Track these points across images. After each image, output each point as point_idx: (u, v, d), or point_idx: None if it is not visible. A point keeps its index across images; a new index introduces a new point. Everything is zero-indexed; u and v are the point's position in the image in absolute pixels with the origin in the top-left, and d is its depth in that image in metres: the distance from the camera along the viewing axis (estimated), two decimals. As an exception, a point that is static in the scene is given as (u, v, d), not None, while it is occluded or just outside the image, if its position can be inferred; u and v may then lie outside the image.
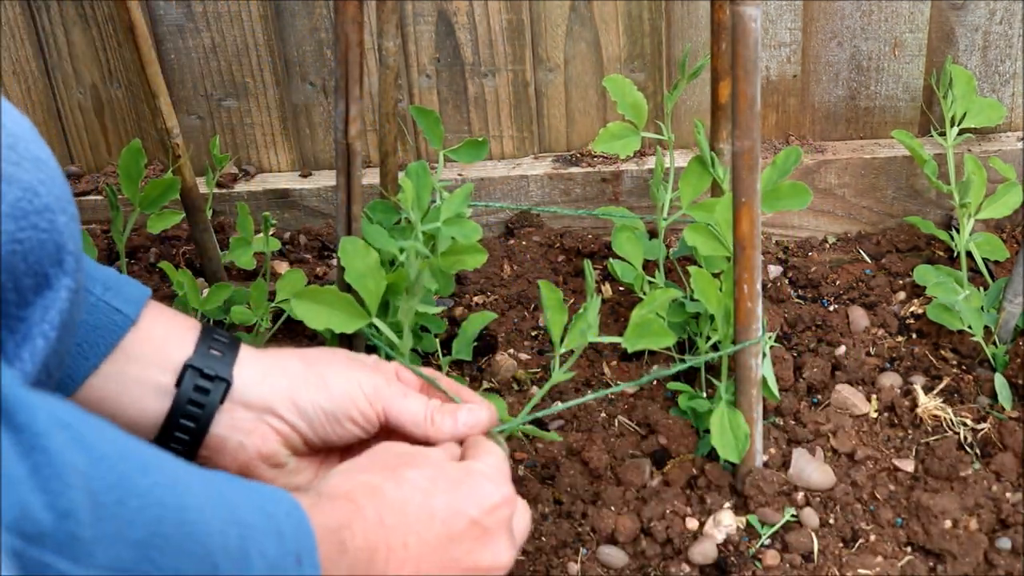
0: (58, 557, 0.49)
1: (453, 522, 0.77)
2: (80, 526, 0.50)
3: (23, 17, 1.42)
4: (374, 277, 0.97)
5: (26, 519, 0.48)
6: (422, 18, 1.42)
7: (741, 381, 1.03)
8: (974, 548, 1.02)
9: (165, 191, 1.24)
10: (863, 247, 1.46)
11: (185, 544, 0.57)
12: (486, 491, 0.80)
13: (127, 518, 0.54)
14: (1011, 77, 1.47)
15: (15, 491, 0.47)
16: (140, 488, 0.55)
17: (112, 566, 0.52)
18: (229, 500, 0.63)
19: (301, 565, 0.65)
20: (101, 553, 0.51)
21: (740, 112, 0.90)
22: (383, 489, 0.76)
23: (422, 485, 0.78)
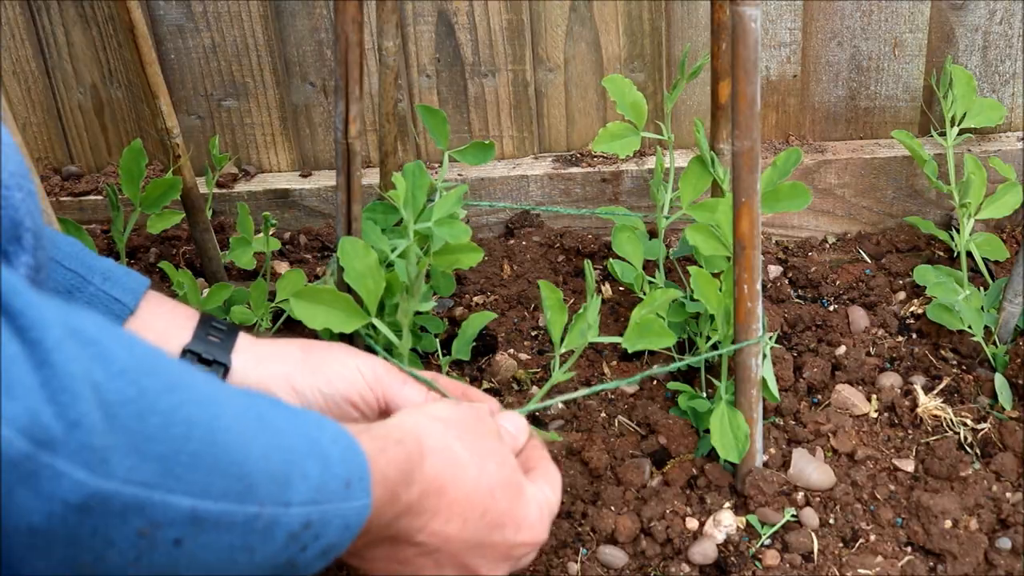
0: (72, 464, 0.49)
1: (494, 532, 0.78)
2: (92, 435, 0.50)
3: (23, 17, 1.42)
4: (373, 277, 0.97)
5: (36, 425, 0.48)
6: (422, 18, 1.42)
7: (741, 381, 1.03)
8: (974, 548, 1.02)
9: (166, 191, 1.24)
10: (863, 247, 1.46)
11: (216, 461, 0.56)
12: (531, 527, 0.81)
13: (146, 432, 0.53)
14: (1011, 77, 1.47)
15: (26, 399, 0.48)
16: (164, 405, 0.55)
17: (131, 478, 0.52)
18: (272, 423, 0.62)
19: (350, 489, 0.64)
20: (118, 464, 0.51)
21: (740, 112, 0.90)
22: (462, 465, 0.76)
23: (495, 483, 0.78)
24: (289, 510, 0.60)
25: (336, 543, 0.65)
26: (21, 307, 0.50)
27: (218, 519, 0.56)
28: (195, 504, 0.55)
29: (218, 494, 0.56)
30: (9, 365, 0.48)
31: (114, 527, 0.52)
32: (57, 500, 0.49)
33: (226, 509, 0.57)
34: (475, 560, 0.78)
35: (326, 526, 0.63)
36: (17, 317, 0.50)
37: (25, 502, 0.49)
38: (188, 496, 0.55)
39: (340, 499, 0.64)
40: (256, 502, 0.58)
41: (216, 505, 0.56)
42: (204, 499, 0.55)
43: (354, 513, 0.65)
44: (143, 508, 0.53)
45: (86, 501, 0.50)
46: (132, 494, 0.52)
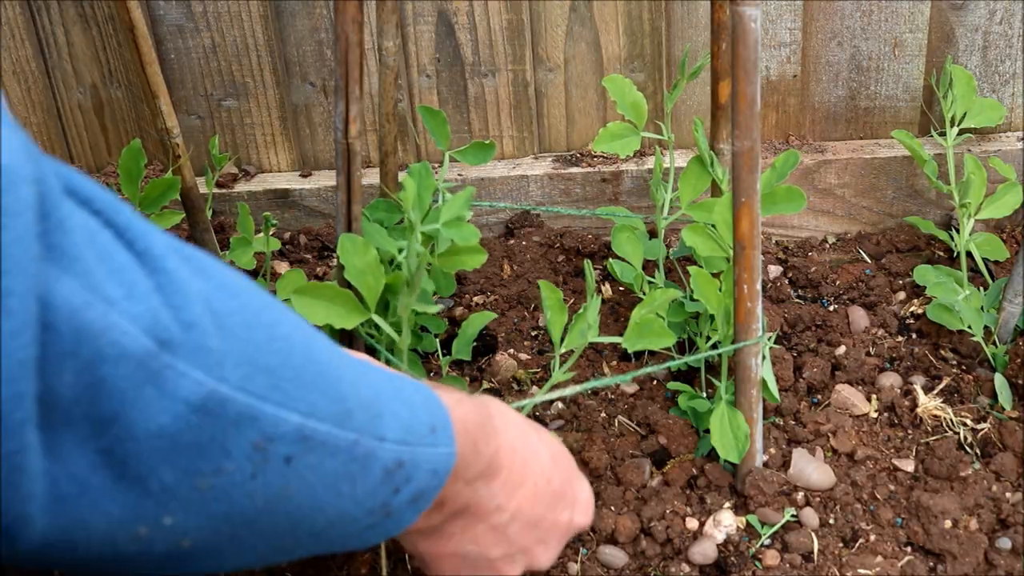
0: (190, 365, 0.50)
1: (557, 504, 0.79)
2: (207, 337, 0.51)
3: (23, 17, 1.42)
4: (373, 274, 0.97)
5: (158, 325, 0.49)
6: (422, 18, 1.42)
7: (741, 381, 1.03)
8: (974, 548, 1.02)
9: (165, 191, 1.24)
10: (863, 247, 1.46)
11: (317, 381, 0.57)
12: (583, 507, 0.83)
13: (256, 342, 0.54)
14: (1011, 77, 1.47)
15: (147, 300, 0.49)
16: (266, 320, 0.56)
17: (244, 387, 0.53)
18: (354, 363, 0.63)
19: (435, 435, 0.65)
20: (231, 369, 0.52)
21: (740, 112, 0.90)
22: (526, 430, 0.77)
23: (554, 453, 0.80)
24: (384, 445, 0.61)
25: (426, 489, 0.65)
26: (125, 223, 0.52)
27: (324, 439, 0.57)
28: (303, 421, 0.56)
29: (322, 414, 0.57)
30: (125, 270, 0.49)
31: (231, 437, 0.53)
32: (180, 399, 0.50)
33: (330, 431, 0.57)
34: (537, 538, 0.79)
35: (416, 469, 0.64)
36: (124, 231, 0.51)
37: (152, 401, 0.49)
38: (296, 412, 0.55)
39: (427, 444, 0.65)
40: (354, 429, 0.59)
41: (321, 425, 0.57)
42: (310, 418, 0.56)
43: (441, 459, 0.66)
44: (256, 419, 0.53)
45: (205, 402, 0.51)
46: (246, 403, 0.53)
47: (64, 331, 0.46)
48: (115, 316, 0.48)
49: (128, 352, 0.48)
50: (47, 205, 0.46)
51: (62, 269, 0.47)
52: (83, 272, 0.47)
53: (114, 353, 0.48)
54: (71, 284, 0.47)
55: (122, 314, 0.48)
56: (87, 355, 0.47)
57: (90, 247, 0.49)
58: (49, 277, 0.46)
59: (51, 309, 0.46)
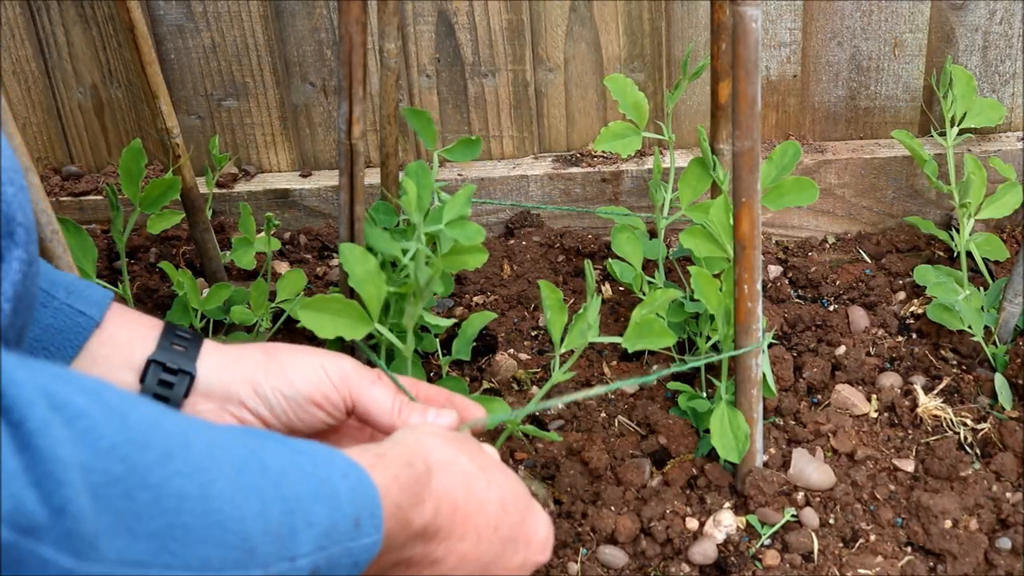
0: (58, 552, 0.48)
1: (505, 548, 0.77)
2: (78, 521, 0.49)
3: (23, 17, 1.42)
4: (374, 282, 0.97)
5: (20, 513, 0.47)
6: (422, 18, 1.42)
7: (741, 381, 1.03)
8: (974, 548, 1.02)
9: (165, 191, 1.24)
10: (863, 247, 1.46)
11: (211, 532, 0.55)
12: (536, 546, 0.80)
13: (135, 511, 0.52)
14: (1011, 77, 1.47)
15: (10, 485, 0.47)
16: (154, 479, 0.53)
17: (123, 559, 0.51)
18: (274, 472, 0.61)
19: (360, 528, 0.63)
20: (107, 547, 0.50)
21: (740, 112, 0.90)
22: (471, 478, 0.75)
23: (503, 497, 0.77)
24: (296, 563, 0.59)
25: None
26: (4, 386, 0.48)
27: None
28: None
29: (220, 564, 0.55)
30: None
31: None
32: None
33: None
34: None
35: (334, 567, 0.62)
36: (1, 397, 0.48)
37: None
38: (187, 570, 0.53)
39: (349, 539, 0.63)
40: (259, 565, 0.57)
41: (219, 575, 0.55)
42: (204, 571, 0.54)
43: (363, 550, 0.64)
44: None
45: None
46: (126, 575, 0.51)
47: None
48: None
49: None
50: None
51: None
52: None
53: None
54: None
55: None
56: None
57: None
58: None
59: None
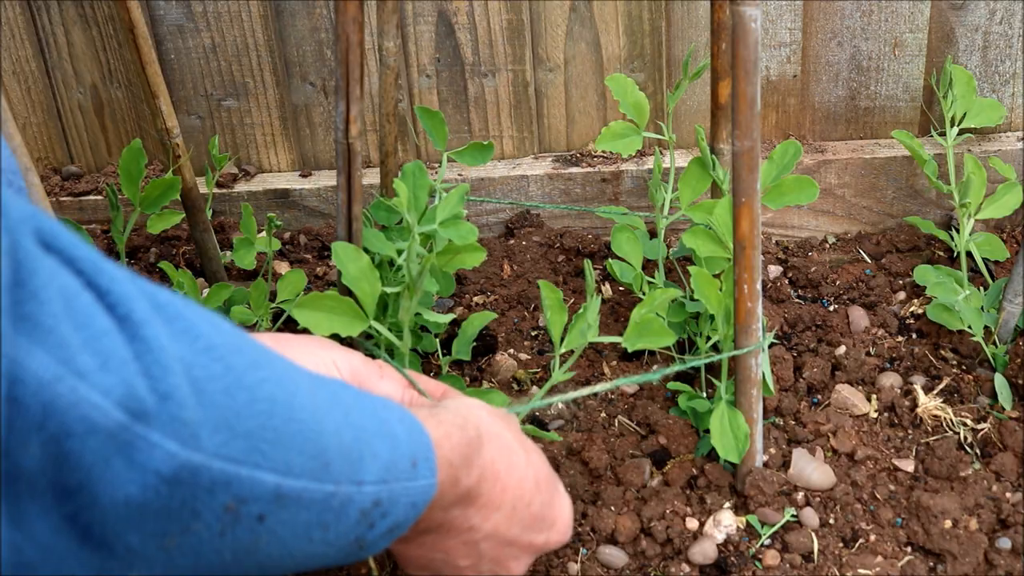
0: (164, 436, 0.50)
1: (533, 526, 0.79)
2: (183, 409, 0.51)
3: (23, 17, 1.42)
4: (368, 279, 0.97)
5: (132, 397, 0.49)
6: (422, 18, 1.42)
7: (741, 381, 1.03)
8: (974, 548, 1.02)
9: (165, 191, 1.24)
10: (863, 247, 1.46)
11: (296, 440, 0.57)
12: (561, 528, 0.82)
13: (234, 408, 0.54)
14: (1011, 77, 1.47)
15: (121, 370, 0.49)
16: (249, 381, 0.55)
17: (220, 453, 0.53)
18: (342, 402, 0.63)
19: (416, 468, 0.65)
20: (207, 438, 0.52)
21: (740, 112, 0.90)
22: (514, 452, 0.77)
23: (539, 475, 0.79)
24: (362, 488, 0.61)
25: (402, 521, 0.65)
26: (107, 284, 0.51)
27: (299, 496, 0.57)
28: (279, 481, 0.56)
29: (299, 471, 0.57)
30: (102, 338, 0.49)
31: (202, 501, 0.53)
32: (150, 471, 0.50)
33: (306, 487, 0.58)
34: (510, 554, 0.79)
35: (394, 504, 0.64)
36: (105, 294, 0.51)
37: (121, 473, 0.49)
38: (273, 473, 0.55)
39: (407, 478, 0.65)
40: (332, 481, 0.59)
41: (297, 482, 0.57)
42: (287, 476, 0.56)
43: (420, 492, 0.66)
44: (230, 483, 0.54)
45: (177, 473, 0.51)
46: (220, 469, 0.53)
47: (31, 405, 0.46)
48: (85, 390, 0.48)
49: (97, 426, 0.48)
50: (21, 273, 0.46)
51: (34, 341, 0.46)
52: (56, 344, 0.47)
53: (82, 428, 0.48)
54: (42, 357, 0.46)
55: (93, 387, 0.48)
56: (54, 429, 0.47)
57: (67, 314, 0.48)
58: (19, 350, 0.46)
59: (18, 384, 0.46)
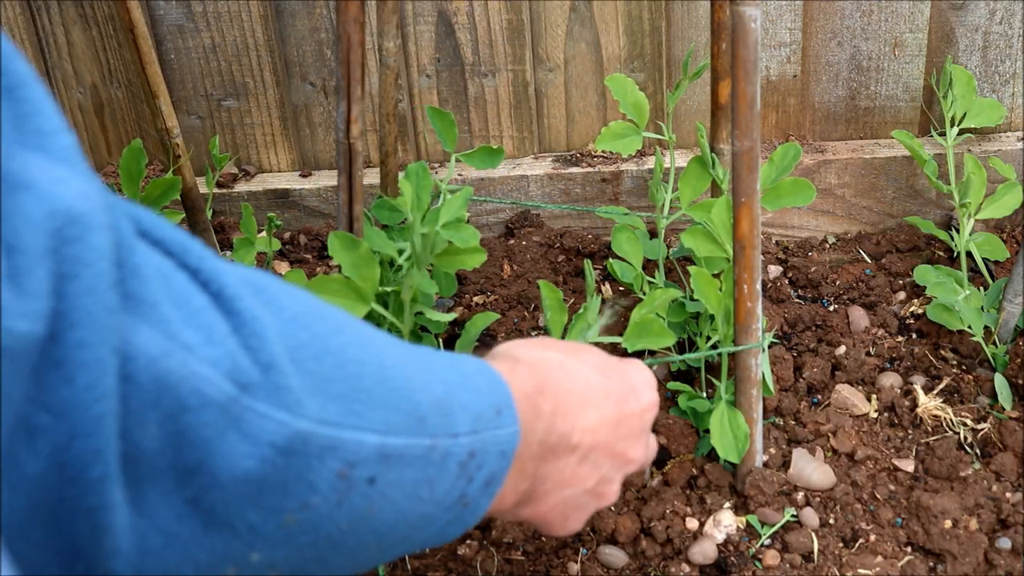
0: (272, 406, 0.50)
1: (623, 406, 0.79)
2: (285, 376, 0.51)
3: (23, 17, 1.42)
4: (367, 264, 0.98)
5: (238, 369, 0.49)
6: (422, 18, 1.42)
7: (741, 381, 1.03)
8: (974, 548, 1.02)
9: (166, 191, 1.25)
10: (863, 247, 1.46)
11: (389, 398, 0.57)
12: (644, 390, 0.82)
13: (325, 373, 0.54)
14: (1011, 77, 1.47)
15: (224, 344, 0.49)
16: (334, 346, 0.56)
17: (321, 418, 0.53)
18: (422, 359, 0.64)
19: (500, 416, 0.66)
20: (308, 403, 0.52)
21: (740, 112, 0.90)
22: (566, 363, 0.77)
23: (598, 365, 0.79)
24: (457, 440, 0.62)
25: (496, 471, 0.66)
26: (196, 262, 0.52)
27: (402, 453, 0.57)
28: (381, 440, 0.56)
29: (397, 429, 0.57)
30: (202, 314, 0.49)
31: (315, 470, 0.53)
32: (265, 443, 0.50)
33: (407, 443, 0.58)
34: (622, 443, 0.79)
35: (486, 454, 0.64)
36: (196, 272, 0.51)
37: (237, 447, 0.49)
38: (373, 433, 0.56)
39: (494, 426, 0.65)
40: (428, 434, 0.60)
41: (398, 439, 0.57)
42: (387, 435, 0.57)
43: (507, 439, 0.66)
44: (336, 448, 0.54)
45: (290, 442, 0.51)
46: (326, 434, 0.53)
47: (145, 382, 0.46)
48: (195, 363, 0.48)
49: (210, 399, 0.48)
50: (122, 251, 0.46)
51: (139, 317, 0.46)
52: (160, 319, 0.47)
53: (196, 401, 0.48)
54: (149, 333, 0.46)
55: (202, 360, 0.48)
56: (169, 405, 0.47)
57: (166, 292, 0.48)
58: (126, 327, 0.46)
59: (130, 360, 0.46)
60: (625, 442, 0.79)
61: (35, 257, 0.40)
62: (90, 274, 0.43)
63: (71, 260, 0.42)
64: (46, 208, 0.41)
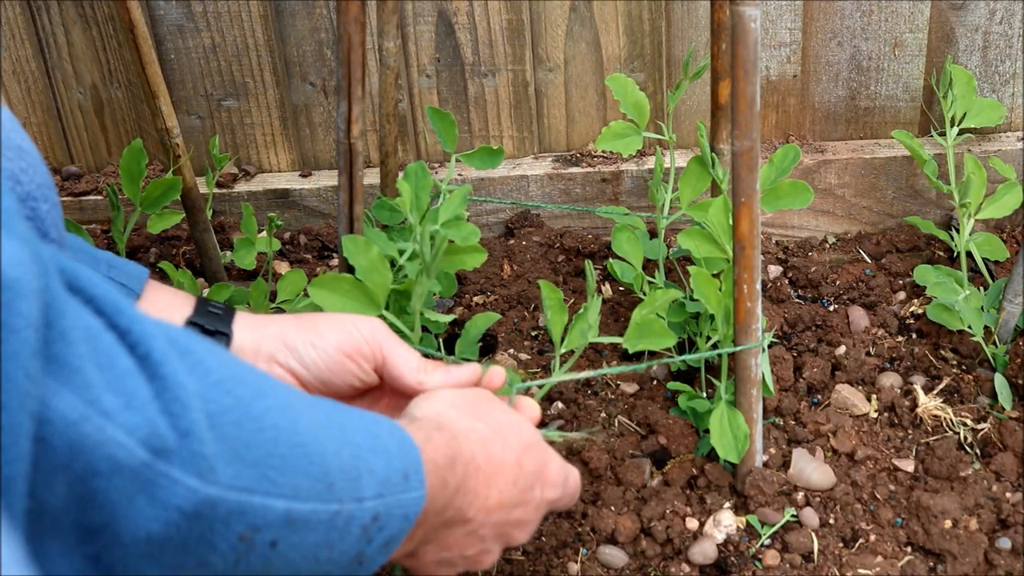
0: (185, 473, 0.51)
1: (526, 494, 0.81)
2: (202, 444, 0.52)
3: (23, 17, 1.42)
4: (379, 271, 0.98)
5: (154, 436, 0.50)
6: (422, 18, 1.42)
7: (741, 381, 1.03)
8: (974, 548, 1.02)
9: (166, 191, 1.24)
10: (863, 247, 1.46)
11: (301, 464, 0.58)
12: (553, 486, 0.83)
13: (244, 439, 0.55)
14: (1011, 77, 1.47)
15: (144, 409, 0.50)
16: (255, 411, 0.57)
17: (234, 484, 0.54)
18: (337, 421, 0.65)
19: (408, 481, 0.67)
20: (223, 470, 0.53)
21: (740, 112, 0.90)
22: (488, 441, 0.78)
23: (519, 448, 0.80)
24: (362, 504, 0.63)
25: (396, 533, 0.67)
26: (127, 324, 0.52)
27: (307, 518, 0.59)
28: (289, 506, 0.57)
29: (306, 495, 0.58)
30: (125, 378, 0.50)
31: (219, 532, 0.54)
32: (172, 507, 0.51)
33: (314, 508, 0.59)
34: (512, 528, 0.81)
35: (390, 517, 0.65)
36: (125, 334, 0.52)
37: (144, 510, 0.50)
38: (283, 499, 0.57)
39: (400, 491, 0.66)
40: (336, 500, 0.61)
41: (306, 505, 0.58)
42: (295, 501, 0.58)
43: (412, 503, 0.67)
44: (244, 513, 0.55)
45: (197, 508, 0.52)
46: (236, 500, 0.54)
47: (58, 445, 0.47)
48: (111, 430, 0.49)
49: (122, 465, 0.49)
50: (51, 314, 0.47)
51: (61, 382, 0.47)
52: (82, 384, 0.48)
53: (107, 467, 0.49)
54: (69, 398, 0.47)
55: (119, 427, 0.49)
56: (80, 469, 0.48)
57: (91, 355, 0.49)
58: (48, 391, 0.47)
59: (46, 424, 0.46)
60: (516, 528, 0.81)
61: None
62: (15, 340, 0.43)
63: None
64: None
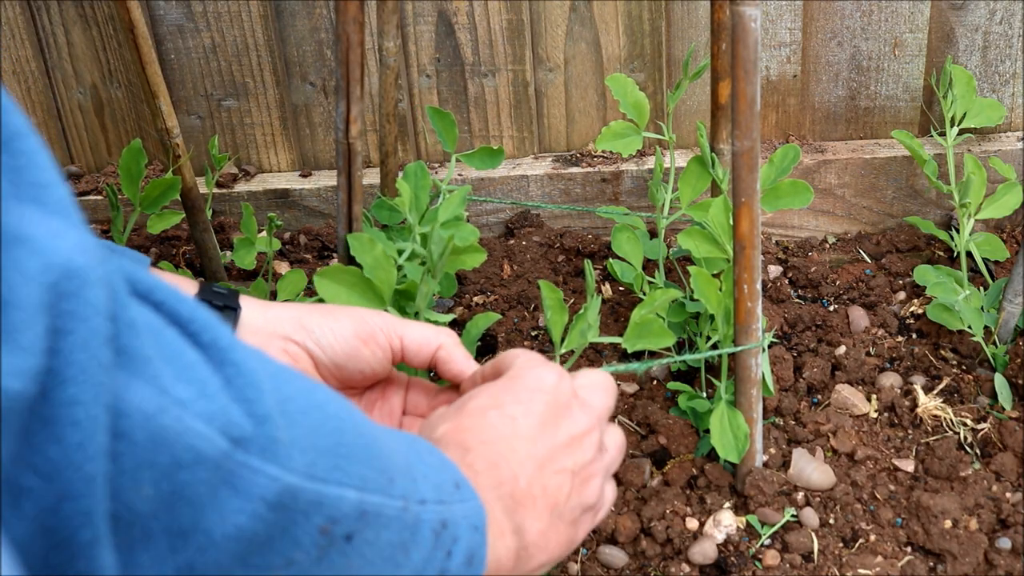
0: (264, 460, 0.50)
1: (555, 458, 0.73)
2: (277, 429, 0.51)
3: (23, 17, 1.42)
4: (384, 268, 0.99)
5: (231, 424, 0.48)
6: (422, 18, 1.42)
7: (741, 381, 1.03)
8: (974, 548, 1.02)
9: (166, 191, 1.24)
10: (863, 247, 1.46)
11: (365, 454, 0.57)
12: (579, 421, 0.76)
13: (313, 426, 0.54)
14: (1011, 77, 1.47)
15: (217, 399, 0.48)
16: (317, 400, 0.56)
17: (309, 472, 0.53)
18: (385, 430, 0.63)
19: (460, 491, 0.64)
20: (298, 457, 0.52)
21: (740, 112, 0.90)
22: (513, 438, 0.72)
23: (530, 434, 0.73)
24: (426, 507, 0.61)
25: (473, 546, 0.64)
26: (188, 315, 0.51)
27: (378, 512, 0.57)
28: (360, 497, 0.56)
29: (373, 486, 0.57)
30: (194, 368, 0.48)
31: (300, 525, 0.52)
32: (256, 497, 0.49)
33: (383, 501, 0.57)
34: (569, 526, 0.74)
35: (458, 527, 0.63)
36: (187, 324, 0.50)
37: (229, 502, 0.49)
38: (353, 489, 0.55)
39: (458, 499, 0.64)
40: (400, 496, 0.59)
41: (374, 497, 0.57)
42: (364, 491, 0.56)
43: (474, 513, 0.65)
44: (322, 504, 0.53)
45: (280, 497, 0.50)
46: (313, 489, 0.53)
47: (140, 440, 0.45)
48: (190, 419, 0.47)
49: (204, 456, 0.47)
50: (116, 306, 0.45)
51: (132, 374, 0.45)
52: (154, 375, 0.46)
53: (191, 458, 0.47)
54: (143, 389, 0.45)
55: (197, 416, 0.47)
56: (165, 463, 0.46)
57: (158, 347, 0.47)
58: (120, 383, 0.45)
59: (123, 417, 0.44)
60: (571, 527, 0.74)
61: (31, 312, 0.39)
62: (85, 329, 0.41)
63: (66, 315, 0.41)
64: (42, 262, 0.40)
